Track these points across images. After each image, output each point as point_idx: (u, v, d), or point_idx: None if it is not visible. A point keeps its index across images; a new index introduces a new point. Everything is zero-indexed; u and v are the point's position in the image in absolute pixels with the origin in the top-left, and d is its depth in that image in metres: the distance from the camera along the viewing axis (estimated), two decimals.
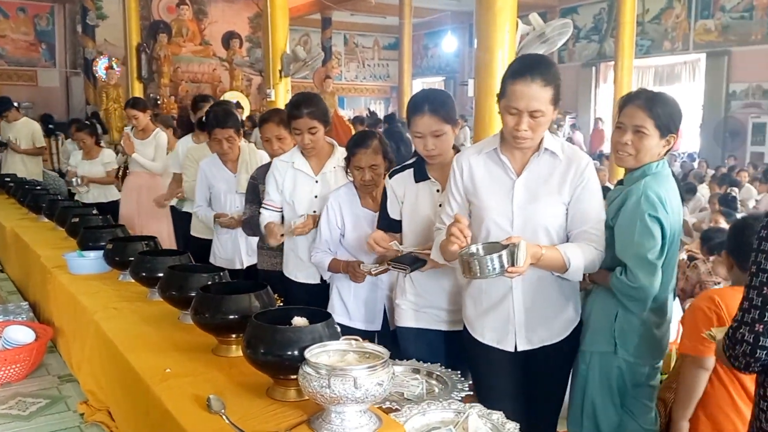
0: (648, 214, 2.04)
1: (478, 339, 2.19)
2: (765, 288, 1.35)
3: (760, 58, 11.64)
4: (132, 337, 2.03)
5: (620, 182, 2.28)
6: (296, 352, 1.50)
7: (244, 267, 3.57)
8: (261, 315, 1.66)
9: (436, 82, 18.47)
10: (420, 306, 2.45)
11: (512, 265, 1.81)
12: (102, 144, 6.13)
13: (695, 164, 11.22)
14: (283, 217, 2.96)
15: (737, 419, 2.09)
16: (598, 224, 2.06)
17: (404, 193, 2.44)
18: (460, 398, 1.83)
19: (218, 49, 15.30)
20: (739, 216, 5.69)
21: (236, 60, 14.08)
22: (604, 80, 14.88)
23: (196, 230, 4.08)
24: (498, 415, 1.70)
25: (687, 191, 7.85)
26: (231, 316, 1.79)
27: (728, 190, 7.22)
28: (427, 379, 2.01)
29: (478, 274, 1.80)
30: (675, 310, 2.85)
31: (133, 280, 2.51)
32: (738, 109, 11.89)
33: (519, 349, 2.13)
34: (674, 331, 3.55)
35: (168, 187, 4.79)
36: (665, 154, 2.18)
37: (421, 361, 2.12)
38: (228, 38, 15.11)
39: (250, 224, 3.17)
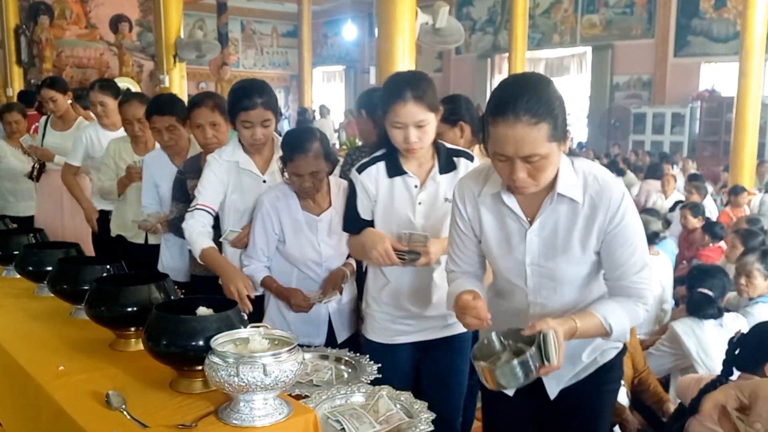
0: None
1: None
2: None
3: (640, 52, 12.40)
4: (20, 335, 1.90)
5: None
6: (201, 342, 1.45)
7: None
8: (162, 306, 1.60)
9: (336, 71, 18.40)
10: (395, 316, 2.19)
11: (543, 363, 1.48)
12: None
13: (583, 153, 11.85)
14: (216, 218, 2.55)
15: None
16: (639, 275, 1.67)
17: (377, 190, 2.14)
18: (369, 381, 1.85)
19: (106, 33, 14.51)
20: None
21: (126, 44, 13.40)
22: (499, 71, 15.35)
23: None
24: (407, 395, 1.72)
25: None
26: (129, 309, 1.70)
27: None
28: (336, 364, 2.01)
29: (503, 385, 1.51)
30: None
31: (18, 276, 2.34)
32: (621, 99, 12.62)
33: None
34: None
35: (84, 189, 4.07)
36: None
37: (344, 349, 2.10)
38: (116, 21, 14.31)
39: (178, 225, 2.74)
